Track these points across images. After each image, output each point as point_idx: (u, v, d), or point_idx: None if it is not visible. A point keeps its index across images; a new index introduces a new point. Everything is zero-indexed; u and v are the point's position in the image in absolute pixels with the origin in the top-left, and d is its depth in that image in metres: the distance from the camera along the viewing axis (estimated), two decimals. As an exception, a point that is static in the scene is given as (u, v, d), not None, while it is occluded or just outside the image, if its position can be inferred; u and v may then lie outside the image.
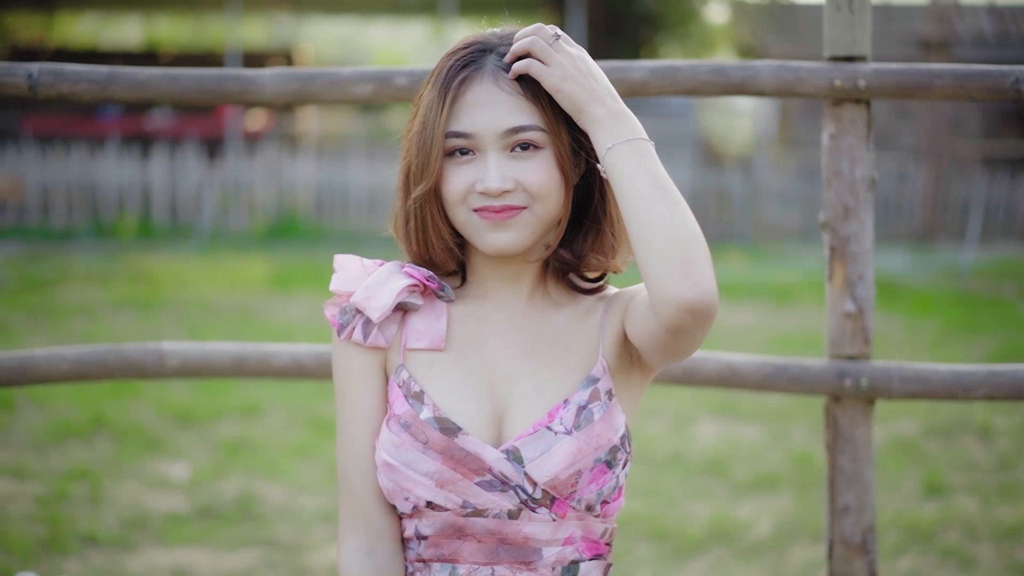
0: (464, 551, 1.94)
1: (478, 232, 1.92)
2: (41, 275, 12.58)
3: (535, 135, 1.90)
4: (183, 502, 5.59)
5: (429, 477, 1.90)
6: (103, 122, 19.92)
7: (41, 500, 5.56)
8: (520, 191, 1.90)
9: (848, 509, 2.64)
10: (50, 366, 2.71)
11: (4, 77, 2.55)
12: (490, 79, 1.92)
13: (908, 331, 10.38)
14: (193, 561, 4.88)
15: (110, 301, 11.10)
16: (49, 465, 6.11)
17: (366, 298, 1.95)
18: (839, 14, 2.56)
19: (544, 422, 1.91)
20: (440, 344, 1.97)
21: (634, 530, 5.34)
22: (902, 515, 5.49)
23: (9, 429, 6.74)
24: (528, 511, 1.92)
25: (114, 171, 17.05)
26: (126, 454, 6.34)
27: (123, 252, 14.77)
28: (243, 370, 2.75)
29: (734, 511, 5.60)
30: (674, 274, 1.77)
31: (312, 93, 2.58)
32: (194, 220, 16.77)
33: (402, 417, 1.93)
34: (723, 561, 5.04)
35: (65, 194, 16.95)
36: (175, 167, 17.11)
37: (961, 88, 2.49)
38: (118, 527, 5.26)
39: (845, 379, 2.62)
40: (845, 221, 2.58)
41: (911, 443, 6.73)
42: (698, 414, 7.42)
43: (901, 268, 14.51)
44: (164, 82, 2.56)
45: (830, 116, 2.60)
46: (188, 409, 7.12)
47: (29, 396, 7.33)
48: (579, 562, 1.97)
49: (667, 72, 2.57)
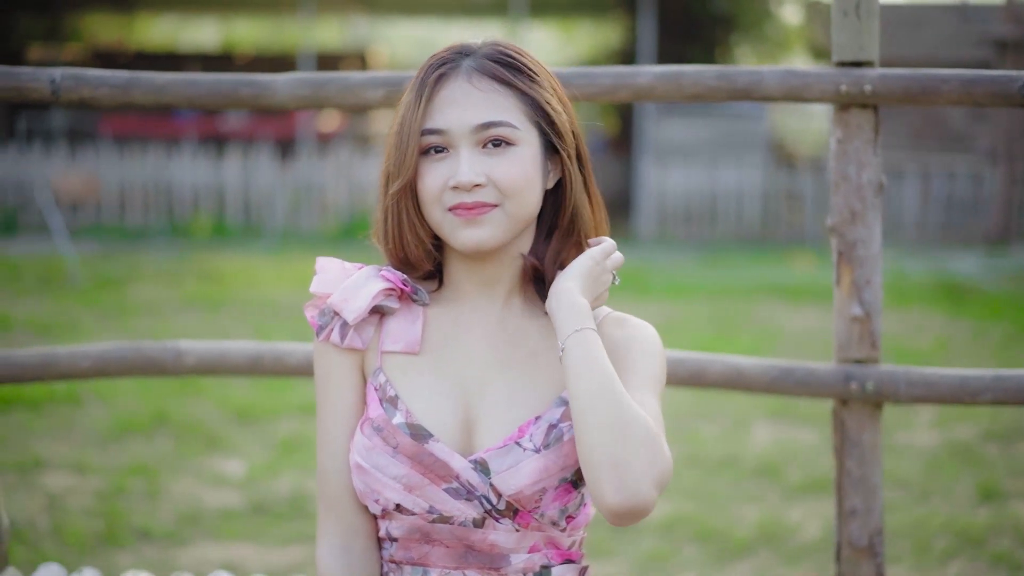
0: (433, 556, 1.97)
1: (452, 230, 1.95)
2: (113, 273, 12.79)
3: (507, 131, 1.93)
4: (237, 498, 5.68)
5: (398, 481, 1.94)
6: (179, 123, 20.20)
7: (100, 494, 5.68)
8: (491, 187, 1.93)
9: (855, 512, 2.64)
10: (72, 363, 2.79)
11: (28, 82, 2.63)
12: (464, 77, 1.95)
13: (975, 335, 10.26)
14: (243, 556, 4.95)
15: (179, 300, 11.27)
16: (110, 460, 6.23)
17: (343, 300, 1.99)
18: (846, 20, 2.56)
19: (514, 436, 1.94)
20: (415, 347, 2.00)
21: (681, 532, 5.35)
22: (954, 520, 5.45)
23: (73, 424, 6.88)
24: (492, 520, 1.95)
25: (189, 171, 17.29)
26: (185, 450, 6.45)
27: (195, 251, 14.97)
28: (258, 368, 2.80)
29: (784, 514, 5.58)
30: (605, 480, 1.79)
31: (324, 98, 2.63)
32: (266, 220, 16.95)
33: (375, 421, 1.97)
34: (769, 564, 5.03)
35: (141, 194, 17.22)
36: (248, 168, 17.32)
37: (967, 93, 2.49)
38: (173, 522, 5.35)
39: (851, 383, 2.62)
40: (852, 225, 2.58)
41: (968, 448, 6.67)
42: (754, 417, 7.39)
43: (973, 271, 14.33)
44: (182, 87, 2.63)
45: (837, 121, 2.61)
46: (248, 407, 7.22)
47: (95, 392, 7.48)
48: (550, 567, 2.00)
49: (673, 77, 2.59)
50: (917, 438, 6.91)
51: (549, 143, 1.98)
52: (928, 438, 6.91)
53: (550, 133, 1.97)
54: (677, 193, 17.67)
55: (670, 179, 17.66)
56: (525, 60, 1.98)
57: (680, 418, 7.38)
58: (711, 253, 16.12)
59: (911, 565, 4.98)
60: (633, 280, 13.09)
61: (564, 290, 1.93)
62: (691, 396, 7.82)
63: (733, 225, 17.60)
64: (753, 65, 7.76)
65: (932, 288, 12.79)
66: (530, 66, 1.98)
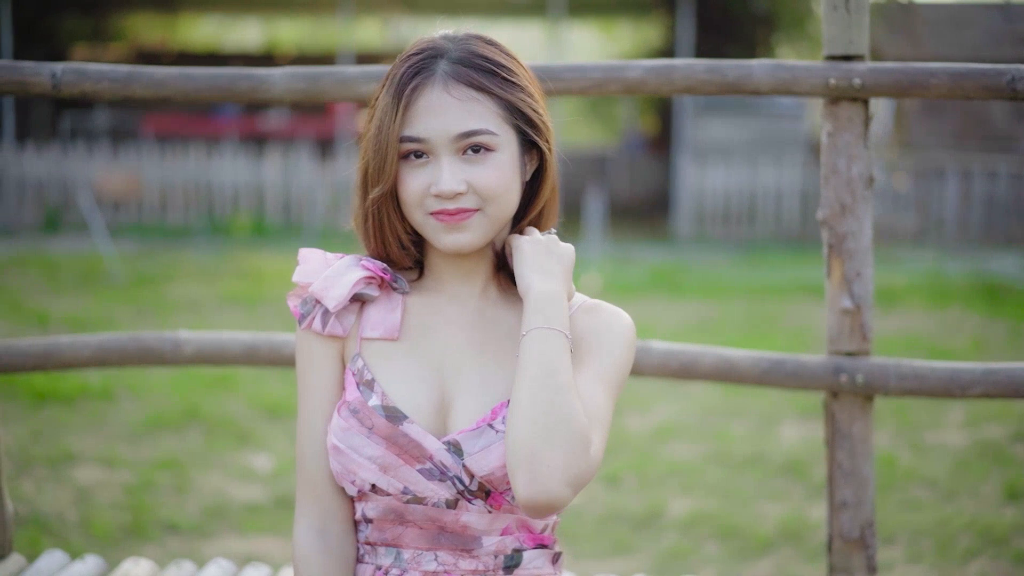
0: (406, 537, 2.01)
1: (435, 234, 1.99)
2: (153, 271, 12.91)
3: (486, 138, 1.96)
4: (263, 492, 5.73)
5: (373, 461, 1.98)
6: (220, 122, 20.35)
7: (128, 488, 5.74)
8: (472, 193, 1.97)
9: (846, 504, 2.64)
10: (73, 352, 2.84)
11: (30, 76, 2.68)
12: (440, 86, 1.97)
13: (1012, 335, 10.19)
14: (266, 549, 5.00)
15: (217, 297, 11.36)
16: (140, 454, 6.30)
17: (324, 289, 2.04)
18: (836, 13, 2.57)
19: (487, 419, 1.97)
20: (394, 334, 2.04)
21: (703, 529, 5.36)
22: (978, 519, 5.42)
23: (106, 419, 6.95)
24: (465, 501, 1.98)
25: (230, 170, 17.42)
26: (215, 445, 6.51)
27: (235, 250, 15.08)
28: (255, 358, 2.85)
29: (808, 512, 5.57)
30: (520, 472, 1.82)
31: (320, 92, 2.66)
32: (306, 219, 17.05)
33: (352, 403, 2.00)
34: (789, 561, 5.03)
35: (182, 193, 17.36)
36: (288, 167, 17.43)
37: (957, 87, 2.48)
38: (199, 515, 5.41)
39: (841, 375, 2.63)
40: (842, 218, 2.59)
41: (997, 448, 6.63)
42: (784, 415, 7.38)
43: (1013, 272, 14.23)
44: (180, 81, 2.67)
45: (827, 114, 2.61)
46: (278, 402, 7.28)
47: (128, 387, 7.56)
48: (521, 551, 2.03)
49: (663, 71, 2.61)
50: (947, 437, 6.87)
51: (526, 139, 2.01)
52: (958, 438, 6.88)
53: (528, 131, 2.00)
54: (716, 192, 17.63)
55: (709, 178, 17.62)
56: (498, 58, 2.00)
57: (708, 416, 7.38)
58: (749, 253, 16.07)
59: (933, 563, 4.97)
60: (668, 280, 13.08)
61: (534, 285, 1.97)
62: (720, 394, 7.82)
63: (772, 225, 17.53)
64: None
65: (971, 288, 12.71)
66: (504, 64, 2.00)
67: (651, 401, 7.66)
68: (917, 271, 14.04)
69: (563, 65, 2.62)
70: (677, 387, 7.92)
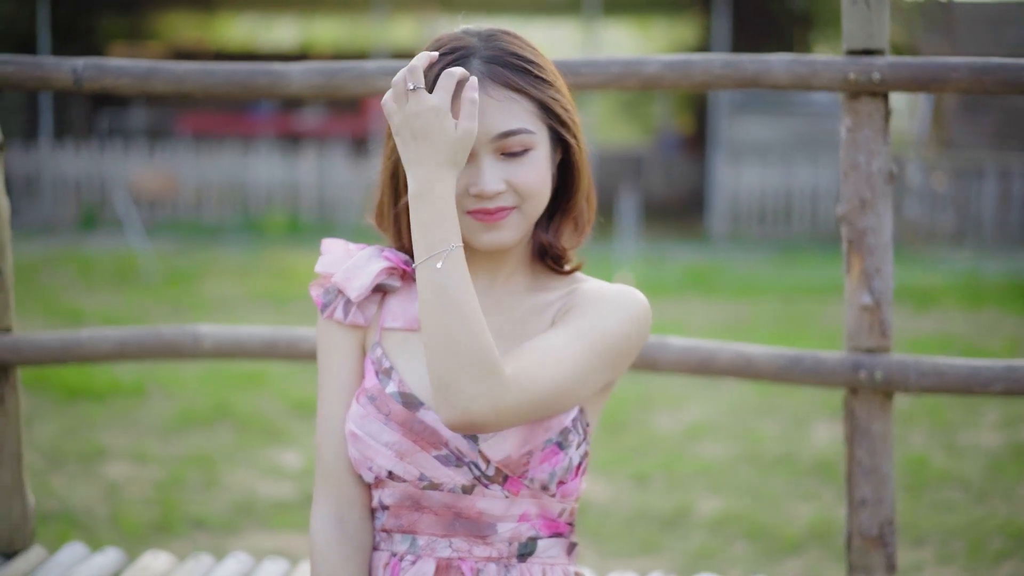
0: (422, 523, 2.02)
1: (472, 233, 1.98)
2: (187, 269, 12.97)
3: (525, 138, 1.96)
4: (291, 489, 5.75)
5: (390, 448, 1.99)
6: (255, 121, 20.43)
7: (158, 484, 5.77)
8: (511, 192, 1.96)
9: (865, 502, 2.62)
10: (93, 345, 2.86)
11: (52, 72, 2.69)
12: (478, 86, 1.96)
13: (1049, 336, 10.11)
14: (292, 545, 5.01)
15: (250, 295, 11.41)
16: (170, 451, 6.33)
17: (346, 279, 2.06)
18: (856, 8, 2.54)
19: None
20: (414, 324, 2.06)
21: (732, 528, 5.34)
22: (1011, 521, 5.38)
23: (137, 415, 6.99)
24: (481, 487, 1.99)
25: (264, 169, 17.49)
26: (244, 442, 6.53)
27: (269, 248, 15.14)
28: (273, 353, 2.85)
29: (838, 513, 5.54)
30: (439, 399, 1.85)
31: (338, 86, 2.66)
32: (340, 217, 17.10)
33: (370, 391, 2.02)
34: (818, 562, 5.00)
35: (217, 191, 17.45)
36: (323, 165, 17.48)
37: (977, 81, 2.45)
38: (227, 511, 5.43)
39: (860, 371, 2.60)
40: (862, 214, 2.56)
41: (1033, 449, 6.59)
42: (816, 415, 7.34)
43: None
44: (200, 76, 2.67)
45: (847, 109, 2.58)
46: (308, 400, 7.30)
47: (160, 384, 7.61)
48: (536, 539, 2.03)
49: (681, 66, 2.59)
50: (982, 438, 6.82)
51: (555, 134, 2.02)
52: (992, 439, 6.83)
53: (558, 128, 2.01)
54: (751, 192, 17.56)
55: (744, 178, 17.55)
56: (527, 54, 2.00)
57: (740, 415, 7.35)
58: (785, 252, 16.00)
59: (964, 565, 4.93)
60: (702, 279, 13.04)
61: (420, 195, 1.86)
62: (752, 393, 7.79)
63: (808, 224, 17.45)
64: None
65: (1008, 289, 12.61)
66: (534, 60, 2.00)
67: (682, 400, 7.64)
68: (954, 271, 13.95)
69: (581, 60, 2.60)
70: (708, 386, 7.90)
